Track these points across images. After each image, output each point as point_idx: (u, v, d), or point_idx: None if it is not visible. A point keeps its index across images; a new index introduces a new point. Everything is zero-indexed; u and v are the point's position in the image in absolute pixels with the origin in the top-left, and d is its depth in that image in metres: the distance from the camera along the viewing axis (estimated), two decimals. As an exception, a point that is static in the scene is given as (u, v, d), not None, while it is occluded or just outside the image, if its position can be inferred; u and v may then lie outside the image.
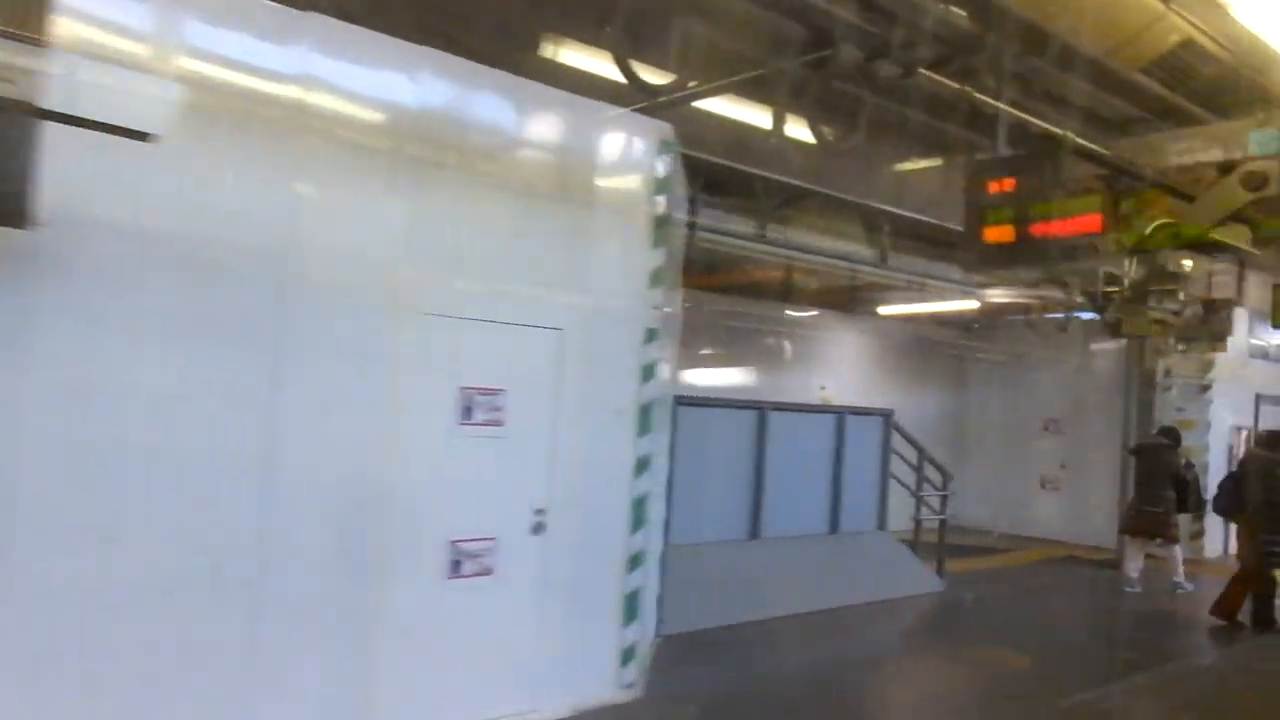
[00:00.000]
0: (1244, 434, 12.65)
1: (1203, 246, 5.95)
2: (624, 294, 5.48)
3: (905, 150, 8.10)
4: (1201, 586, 9.82)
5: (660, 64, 6.96)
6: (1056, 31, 6.45)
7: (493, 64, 4.80)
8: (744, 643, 7.04)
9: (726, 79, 6.98)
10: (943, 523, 9.38)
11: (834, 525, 8.51)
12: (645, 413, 5.55)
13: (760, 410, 7.90)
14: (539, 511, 5.07)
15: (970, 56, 6.70)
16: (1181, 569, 10.03)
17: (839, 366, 12.79)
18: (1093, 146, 6.15)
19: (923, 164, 7.79)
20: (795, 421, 8.26)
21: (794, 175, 8.04)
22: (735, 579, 7.54)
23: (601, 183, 5.35)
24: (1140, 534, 9.89)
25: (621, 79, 5.91)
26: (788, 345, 12.24)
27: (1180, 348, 11.24)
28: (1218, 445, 12.41)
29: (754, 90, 7.30)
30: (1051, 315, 11.87)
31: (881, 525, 8.96)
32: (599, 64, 6.42)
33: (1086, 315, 11.18)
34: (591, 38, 6.23)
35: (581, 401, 5.25)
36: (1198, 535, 12.00)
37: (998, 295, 10.06)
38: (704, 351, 11.24)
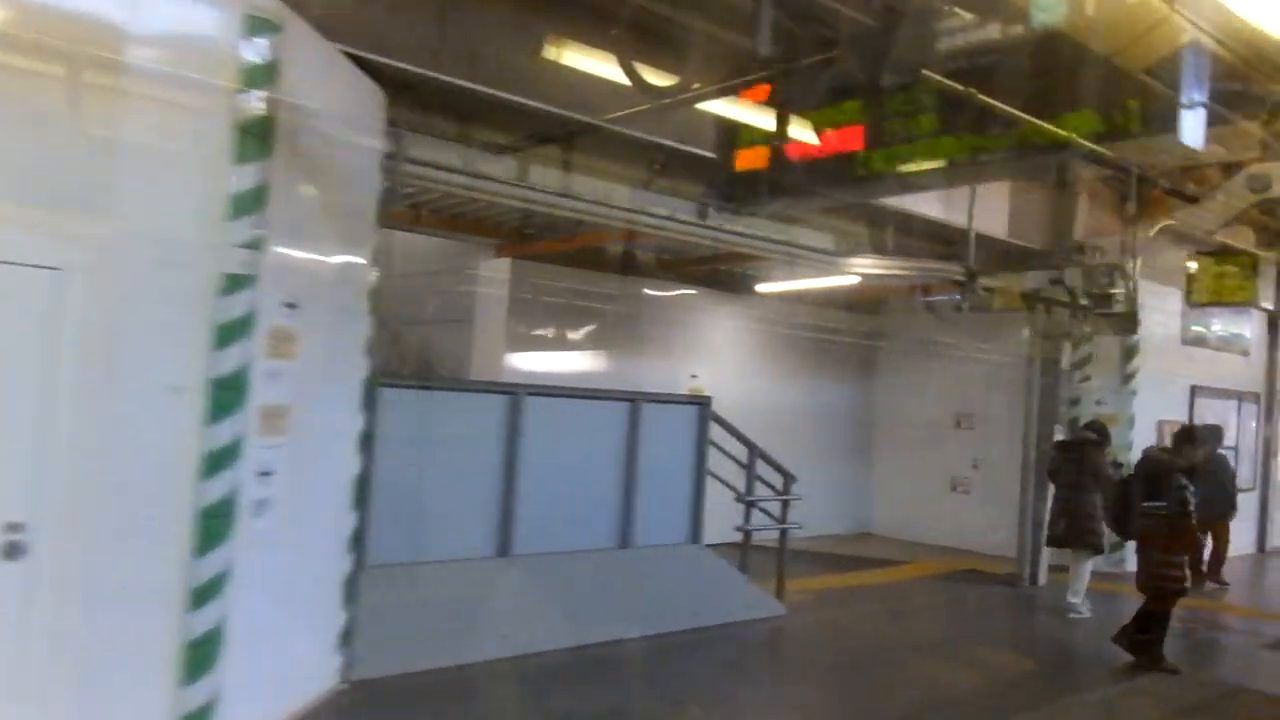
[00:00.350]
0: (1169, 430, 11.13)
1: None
2: (181, 224, 3.96)
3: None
4: (1109, 610, 8.28)
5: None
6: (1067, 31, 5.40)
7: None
8: (464, 688, 5.55)
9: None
10: (783, 534, 7.82)
11: (625, 538, 6.92)
12: (227, 390, 4.04)
13: (513, 395, 6.31)
14: (13, 527, 3.56)
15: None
16: (1084, 588, 8.61)
17: (717, 353, 11.22)
18: (1099, 149, 4.95)
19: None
20: (567, 410, 6.66)
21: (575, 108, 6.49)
22: (473, 606, 6.00)
23: (141, 63, 3.82)
24: (1066, 544, 8.82)
25: None
26: (651, 328, 10.66)
27: (1087, 329, 9.72)
28: (1142, 442, 10.89)
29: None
30: (948, 296, 10.30)
31: (695, 538, 7.38)
32: None
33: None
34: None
35: (101, 373, 3.73)
36: (1118, 546, 10.47)
37: (864, 266, 8.47)
38: (538, 333, 9.74)
